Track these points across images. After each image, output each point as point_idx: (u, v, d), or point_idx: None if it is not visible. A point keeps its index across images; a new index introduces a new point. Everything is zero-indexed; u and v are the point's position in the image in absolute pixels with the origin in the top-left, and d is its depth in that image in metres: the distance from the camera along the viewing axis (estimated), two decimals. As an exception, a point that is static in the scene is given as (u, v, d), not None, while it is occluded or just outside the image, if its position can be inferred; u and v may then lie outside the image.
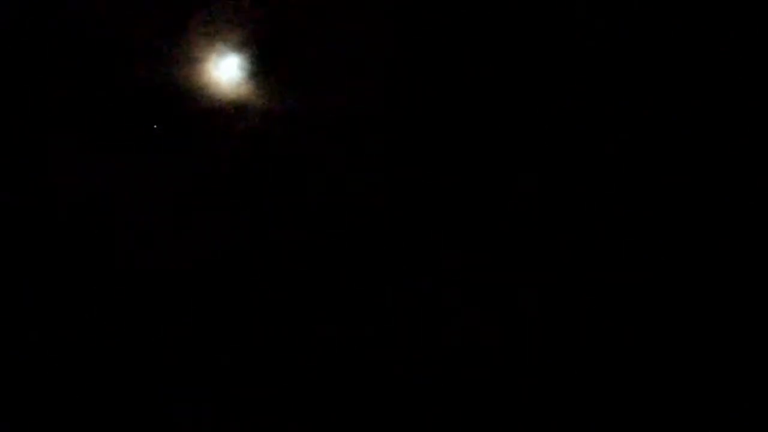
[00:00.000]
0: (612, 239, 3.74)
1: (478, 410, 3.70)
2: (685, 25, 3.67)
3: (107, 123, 3.91)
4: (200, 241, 3.85)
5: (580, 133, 3.77)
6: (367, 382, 3.71)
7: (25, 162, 3.83)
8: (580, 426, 3.64)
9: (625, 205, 3.75)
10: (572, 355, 3.71)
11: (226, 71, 4.04)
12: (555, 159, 3.78)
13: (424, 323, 3.78)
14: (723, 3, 3.63)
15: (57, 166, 3.83)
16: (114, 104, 3.91)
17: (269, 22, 3.99)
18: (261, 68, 4.03)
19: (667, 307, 3.69)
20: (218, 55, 4.02)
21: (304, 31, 3.98)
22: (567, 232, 3.76)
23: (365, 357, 3.74)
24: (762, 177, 3.64)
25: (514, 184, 3.79)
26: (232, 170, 3.96)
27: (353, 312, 3.78)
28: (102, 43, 3.90)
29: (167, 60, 3.98)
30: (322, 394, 3.71)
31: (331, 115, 3.96)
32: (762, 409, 3.52)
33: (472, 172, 3.81)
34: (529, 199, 3.78)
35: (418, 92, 3.83)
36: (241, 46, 4.03)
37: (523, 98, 3.79)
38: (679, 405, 3.60)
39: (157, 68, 3.98)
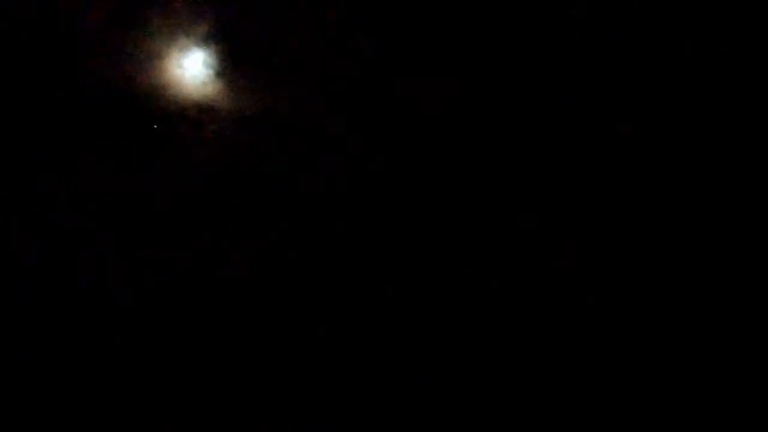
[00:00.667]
0: (612, 239, 3.74)
1: (478, 410, 3.70)
2: (685, 25, 3.67)
3: (52, 128, 3.49)
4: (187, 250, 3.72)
5: (580, 134, 3.77)
6: (367, 382, 3.71)
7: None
8: (580, 426, 3.64)
9: (625, 205, 3.75)
10: (572, 355, 3.71)
11: (190, 69, 3.60)
12: (555, 159, 3.78)
13: (424, 323, 3.78)
14: (723, 3, 3.63)
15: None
16: (61, 107, 3.48)
17: (237, 12, 3.58)
18: (229, 64, 3.61)
19: (667, 307, 3.69)
20: (181, 50, 3.56)
21: (275, 20, 3.60)
22: (567, 232, 3.76)
23: (365, 357, 3.74)
24: (762, 177, 3.64)
25: (514, 184, 3.79)
26: (204, 180, 3.60)
27: (353, 312, 3.78)
28: (44, 36, 3.41)
29: (122, 56, 3.48)
30: (323, 394, 3.71)
31: (312, 114, 3.67)
32: (762, 409, 3.52)
33: (471, 172, 3.81)
34: (529, 199, 3.78)
35: (407, 90, 3.82)
36: (206, 40, 3.58)
37: (523, 98, 3.79)
38: (679, 405, 3.60)
39: (110, 66, 3.48)
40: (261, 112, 3.64)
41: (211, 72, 3.63)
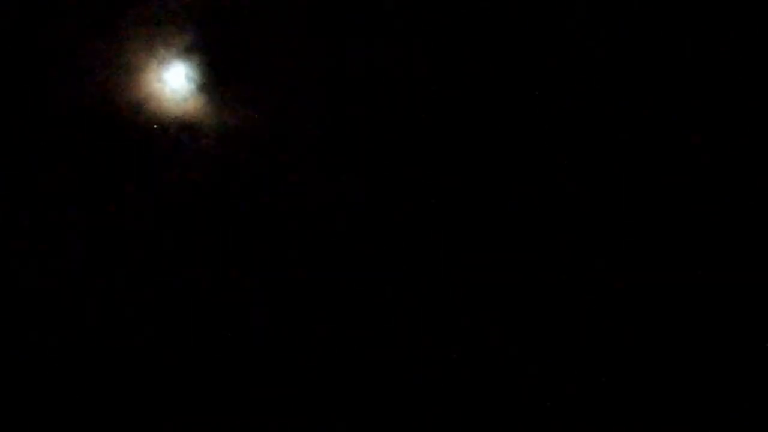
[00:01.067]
0: (612, 239, 3.74)
1: (478, 410, 3.69)
2: (685, 25, 3.66)
3: (24, 149, 3.18)
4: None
5: (579, 134, 3.77)
6: (367, 382, 3.71)
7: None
8: (580, 426, 3.64)
9: (625, 205, 3.74)
10: (572, 355, 3.71)
11: (170, 82, 3.30)
12: (555, 159, 3.78)
13: (424, 323, 3.78)
14: (723, 3, 3.63)
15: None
16: (24, 125, 3.16)
17: (220, 21, 3.31)
18: (212, 77, 3.32)
19: (667, 307, 3.69)
20: (160, 62, 3.26)
21: (260, 30, 3.36)
22: (567, 232, 3.76)
23: (365, 357, 3.74)
24: (762, 177, 3.64)
25: (514, 184, 3.79)
26: (186, 200, 3.34)
27: (353, 312, 3.78)
28: (11, 47, 3.08)
29: (96, 70, 3.16)
30: (323, 394, 3.71)
31: (301, 128, 3.46)
32: (762, 409, 3.52)
33: (471, 172, 3.81)
34: (528, 199, 3.78)
35: (407, 90, 3.81)
36: (187, 52, 3.28)
37: (523, 98, 3.79)
38: (679, 405, 3.60)
39: (83, 80, 3.16)
40: (246, 126, 3.38)
41: (192, 86, 3.34)
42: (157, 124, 3.32)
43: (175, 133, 3.34)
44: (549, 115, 3.77)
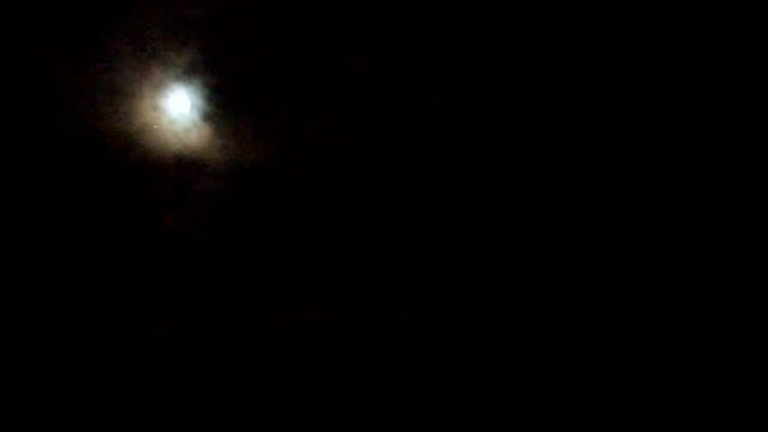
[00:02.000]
0: (612, 239, 3.74)
1: (478, 410, 3.70)
2: (685, 25, 3.66)
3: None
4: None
5: (580, 134, 3.77)
6: (368, 382, 3.71)
7: None
8: (581, 426, 3.64)
9: (625, 205, 3.74)
10: (572, 355, 3.71)
11: (169, 111, 2.70)
12: (555, 159, 3.78)
13: (424, 323, 3.78)
14: (723, 3, 3.63)
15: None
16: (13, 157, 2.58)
17: (227, 37, 2.70)
18: (218, 104, 2.74)
19: (667, 307, 3.69)
20: (155, 87, 2.63)
21: (274, 45, 2.82)
22: (567, 232, 3.76)
23: (365, 357, 3.74)
24: (762, 177, 3.64)
25: (514, 184, 3.79)
26: (188, 250, 2.87)
27: (354, 312, 3.78)
28: None
29: (81, 96, 2.51)
30: (323, 394, 3.71)
31: (315, 162, 3.01)
32: (762, 409, 3.52)
33: (472, 173, 3.81)
34: (529, 199, 3.78)
35: (409, 91, 3.81)
36: (188, 73, 2.64)
37: (523, 98, 3.79)
38: (679, 405, 3.60)
39: (66, 109, 2.52)
40: (260, 164, 2.84)
41: (195, 114, 2.76)
42: (152, 161, 2.77)
43: (175, 172, 2.78)
44: (549, 115, 3.77)
